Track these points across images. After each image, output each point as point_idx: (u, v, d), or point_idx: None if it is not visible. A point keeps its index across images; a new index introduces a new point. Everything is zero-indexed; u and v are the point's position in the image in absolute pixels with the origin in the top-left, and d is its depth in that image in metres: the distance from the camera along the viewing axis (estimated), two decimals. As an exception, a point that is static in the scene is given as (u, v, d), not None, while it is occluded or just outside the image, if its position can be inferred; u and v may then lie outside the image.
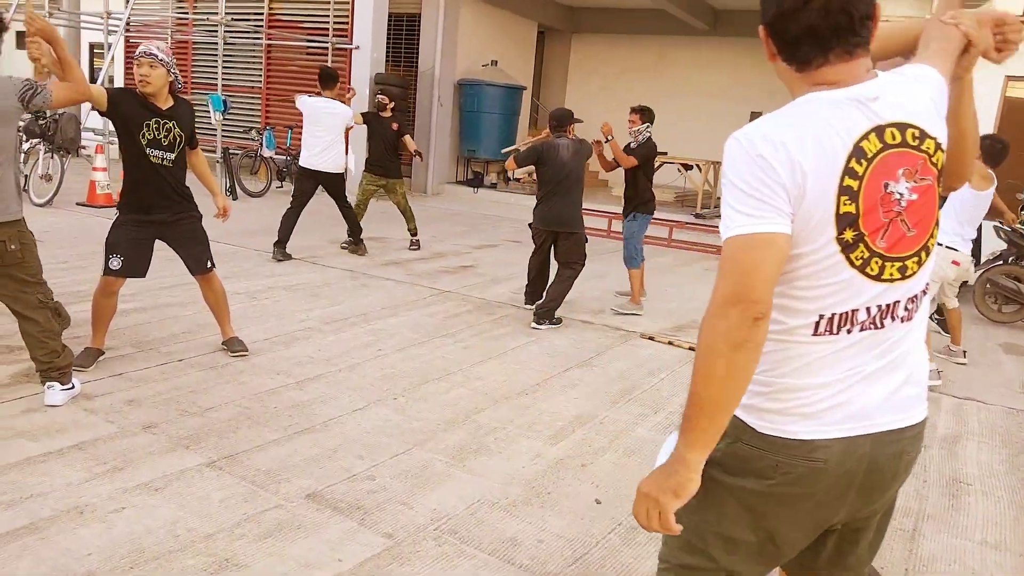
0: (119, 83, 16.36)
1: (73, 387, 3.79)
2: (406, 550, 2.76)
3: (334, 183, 7.74)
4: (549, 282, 6.10)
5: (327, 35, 13.07)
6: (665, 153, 15.79)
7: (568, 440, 3.82)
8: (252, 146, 12.13)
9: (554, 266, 6.11)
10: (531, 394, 4.41)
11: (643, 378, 4.86)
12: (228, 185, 11.11)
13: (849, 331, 1.43)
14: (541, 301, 5.91)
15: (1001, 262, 7.26)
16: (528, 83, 16.69)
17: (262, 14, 13.92)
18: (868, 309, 1.43)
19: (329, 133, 7.56)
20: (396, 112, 8.33)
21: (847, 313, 1.42)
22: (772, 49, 1.48)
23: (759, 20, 1.50)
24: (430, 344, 5.19)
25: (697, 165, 13.79)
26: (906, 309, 1.48)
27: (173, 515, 2.85)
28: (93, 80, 16.89)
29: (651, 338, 5.75)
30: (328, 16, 13.10)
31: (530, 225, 6.16)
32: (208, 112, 11.58)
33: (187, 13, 14.51)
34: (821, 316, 1.42)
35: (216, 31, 12.91)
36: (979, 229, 6.25)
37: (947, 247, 5.28)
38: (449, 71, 14.12)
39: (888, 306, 1.45)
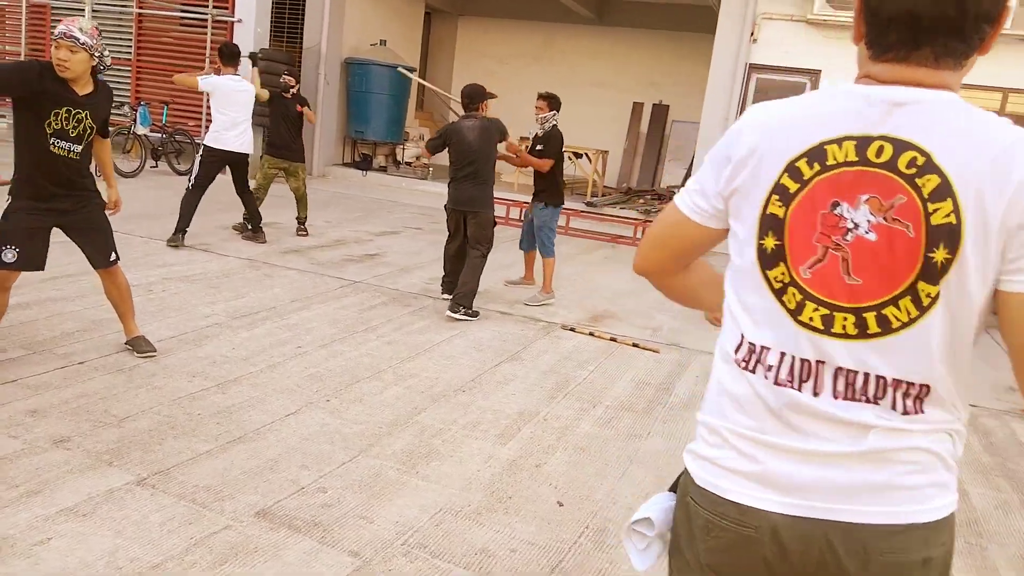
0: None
1: None
2: (377, 569, 2.59)
3: (242, 165, 7.34)
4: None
5: (206, 6, 12.27)
6: (555, 140, 15.95)
7: (517, 440, 3.73)
8: (124, 123, 11.25)
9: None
10: (468, 391, 4.28)
11: (573, 371, 4.83)
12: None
13: (766, 376, 1.20)
14: (456, 288, 5.77)
15: None
16: (416, 64, 16.37)
17: (130, -21, 12.90)
18: (782, 355, 1.19)
19: (241, 112, 7.15)
20: (299, 93, 7.96)
21: (758, 346, 1.22)
22: (860, 28, 1.20)
23: (644, 12, 1.35)
24: (351, 340, 4.96)
25: (587, 154, 13.96)
26: (849, 385, 1.16)
27: (110, 544, 2.56)
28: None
29: (572, 329, 5.74)
30: (206, -15, 12.30)
31: (445, 207, 6.00)
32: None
33: (44, -26, 13.25)
34: (743, 336, 1.24)
35: (80, -4, 11.88)
36: None
37: None
38: (336, 49, 13.62)
39: (808, 364, 1.18)
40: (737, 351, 1.25)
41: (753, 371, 1.22)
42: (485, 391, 4.31)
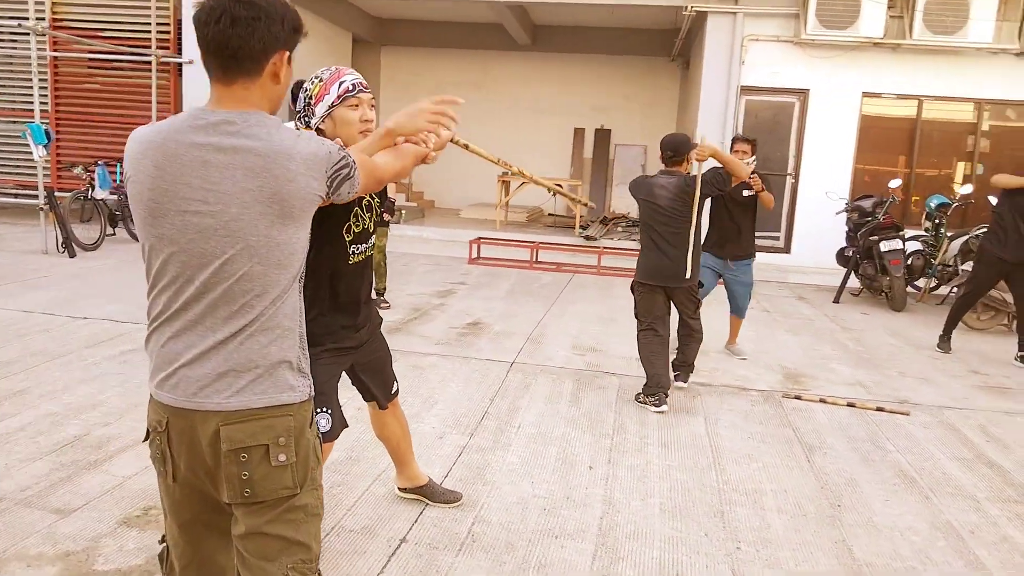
0: None
1: None
2: None
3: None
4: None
5: (148, 46, 10.70)
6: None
7: None
8: (78, 186, 9.52)
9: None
10: (843, 507, 3.59)
11: (908, 459, 4.24)
12: (62, 239, 8.57)
13: None
14: (680, 360, 5.13)
15: None
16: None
17: (43, 17, 11.04)
18: None
19: None
20: None
21: None
22: None
23: (578, 36, 0.94)
24: (632, 455, 4.10)
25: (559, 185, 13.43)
26: None
27: None
28: None
29: (797, 397, 5.13)
30: (149, 24, 10.73)
31: (635, 285, 5.03)
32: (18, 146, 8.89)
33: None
34: None
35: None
36: None
37: None
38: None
39: None
40: None
41: None
42: (860, 503, 3.63)
